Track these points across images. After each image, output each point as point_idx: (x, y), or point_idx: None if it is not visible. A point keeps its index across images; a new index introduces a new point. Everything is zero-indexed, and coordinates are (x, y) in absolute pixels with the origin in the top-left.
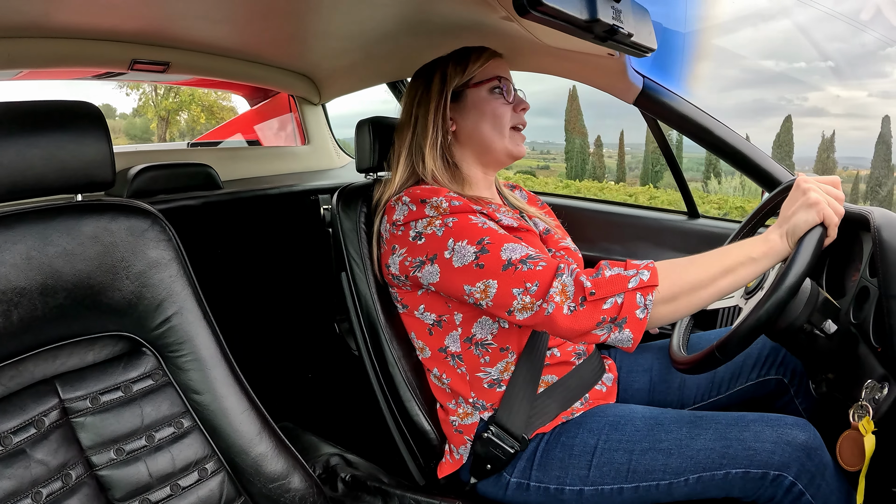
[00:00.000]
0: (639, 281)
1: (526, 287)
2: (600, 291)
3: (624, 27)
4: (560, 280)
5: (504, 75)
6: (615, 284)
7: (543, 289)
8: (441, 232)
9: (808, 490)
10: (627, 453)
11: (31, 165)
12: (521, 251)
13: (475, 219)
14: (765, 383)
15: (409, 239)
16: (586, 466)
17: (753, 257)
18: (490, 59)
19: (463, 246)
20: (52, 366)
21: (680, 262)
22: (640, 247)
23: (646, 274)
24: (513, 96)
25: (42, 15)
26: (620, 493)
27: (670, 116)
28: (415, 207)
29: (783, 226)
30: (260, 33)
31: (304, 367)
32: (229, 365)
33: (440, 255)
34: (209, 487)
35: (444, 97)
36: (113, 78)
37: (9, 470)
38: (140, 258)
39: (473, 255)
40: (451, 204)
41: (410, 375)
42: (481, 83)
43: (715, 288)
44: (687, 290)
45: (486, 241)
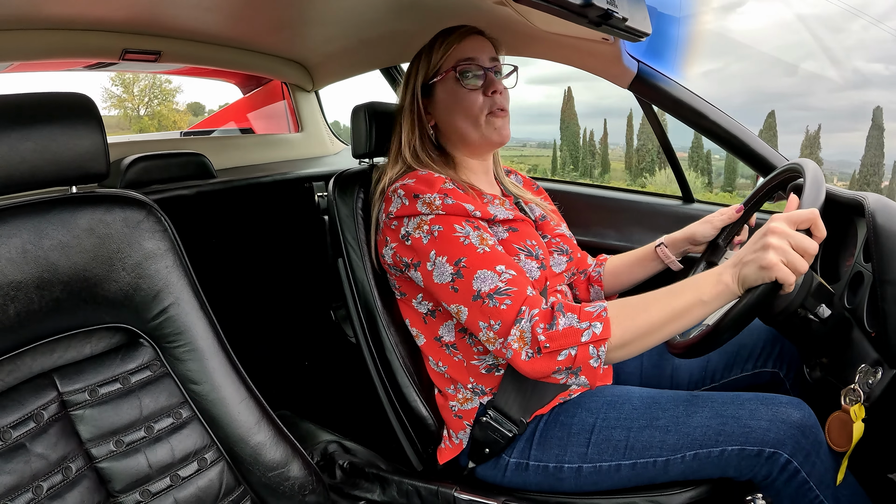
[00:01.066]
0: (591, 335)
1: (490, 324)
2: (554, 344)
3: (618, 11)
4: (519, 326)
5: (471, 56)
6: (568, 338)
7: (504, 330)
8: (426, 240)
9: (803, 468)
10: (625, 430)
11: (24, 159)
12: (491, 282)
13: (460, 229)
14: (759, 375)
15: (398, 236)
16: (585, 444)
17: (704, 300)
18: (455, 43)
19: (442, 263)
20: (49, 359)
21: (633, 306)
22: (634, 231)
23: (598, 327)
24: (483, 80)
25: (31, 6)
26: (618, 470)
27: (665, 101)
28: (408, 202)
29: (737, 268)
30: (252, 20)
31: (301, 354)
32: (227, 354)
33: (423, 265)
34: (209, 477)
35: (415, 96)
36: (105, 68)
37: (9, 465)
38: (136, 249)
39: (450, 276)
40: (444, 202)
41: (408, 361)
42: (444, 74)
43: (666, 331)
44: (639, 336)
45: (463, 263)
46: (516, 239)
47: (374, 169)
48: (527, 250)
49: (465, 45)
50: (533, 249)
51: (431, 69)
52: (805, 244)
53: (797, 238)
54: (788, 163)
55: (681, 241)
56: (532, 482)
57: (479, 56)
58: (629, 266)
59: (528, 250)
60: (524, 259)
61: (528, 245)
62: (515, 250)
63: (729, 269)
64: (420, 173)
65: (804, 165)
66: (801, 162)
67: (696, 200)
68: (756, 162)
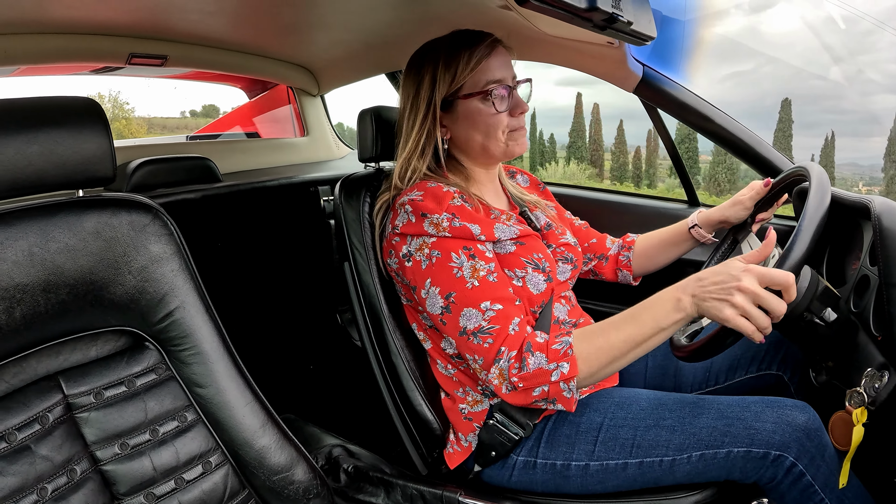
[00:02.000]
0: (559, 374)
1: (475, 358)
2: (526, 384)
3: (623, 15)
4: (498, 365)
5: (500, 76)
6: (538, 378)
7: (486, 366)
8: (424, 265)
9: (808, 471)
10: (632, 429)
11: (31, 162)
12: (475, 321)
13: (456, 259)
14: (763, 377)
15: (401, 254)
16: (592, 442)
17: (663, 327)
18: (484, 58)
19: (435, 294)
20: (55, 362)
21: (596, 339)
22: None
23: (565, 367)
24: (509, 100)
25: (38, 10)
26: (625, 469)
27: (670, 105)
28: (414, 220)
29: (696, 298)
30: (258, 25)
31: (306, 358)
32: (232, 358)
33: (419, 290)
34: (213, 481)
35: (432, 108)
36: (111, 73)
37: (13, 466)
38: (142, 253)
39: (440, 308)
40: (451, 224)
41: (413, 365)
42: (472, 94)
43: (627, 359)
44: (603, 366)
45: (452, 298)
46: (523, 252)
47: (380, 173)
48: (534, 263)
49: (493, 62)
50: (540, 262)
51: (456, 83)
52: (773, 305)
53: (765, 299)
54: (794, 166)
55: (715, 220)
56: (539, 481)
57: (506, 76)
58: (663, 247)
59: (535, 263)
60: (531, 272)
61: (534, 258)
62: (523, 264)
63: (688, 296)
64: (429, 185)
65: (810, 169)
66: (807, 165)
67: (702, 204)
68: (762, 165)
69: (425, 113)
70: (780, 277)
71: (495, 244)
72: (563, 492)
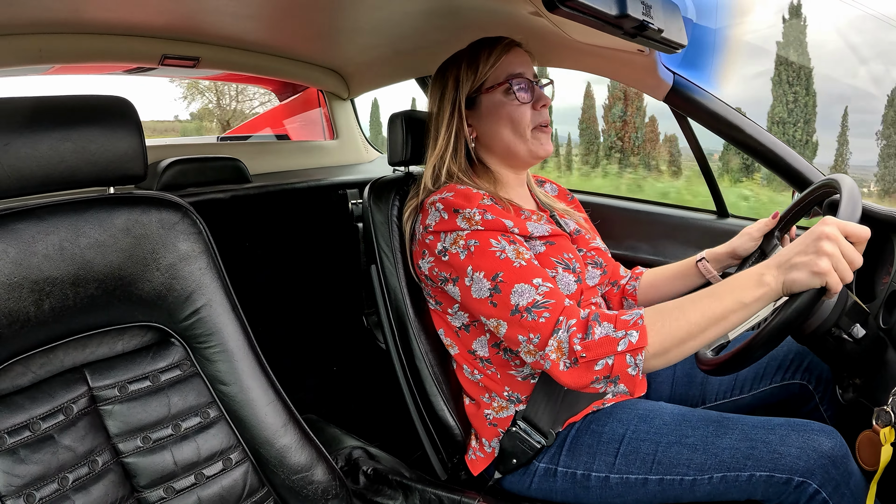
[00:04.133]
0: (627, 343)
1: (529, 337)
2: (590, 354)
3: (654, 23)
4: (556, 337)
5: (520, 70)
6: (604, 347)
7: (543, 343)
8: (463, 255)
9: (831, 499)
10: (654, 444)
11: (64, 159)
12: (528, 296)
13: (496, 244)
14: (788, 387)
15: (436, 251)
16: (613, 454)
17: (745, 303)
18: (502, 55)
19: (480, 278)
20: (81, 354)
21: (670, 312)
22: (667, 246)
23: (634, 335)
24: (531, 93)
25: (72, 11)
26: (645, 484)
27: (700, 114)
28: (447, 216)
29: (781, 268)
30: (289, 29)
31: (330, 360)
32: (256, 357)
33: (461, 280)
34: (233, 477)
35: (457, 107)
36: (143, 73)
37: (36, 455)
38: (170, 250)
39: (488, 291)
40: (483, 217)
41: (437, 370)
42: (494, 87)
43: (704, 337)
44: (677, 343)
45: (500, 278)
46: (554, 252)
47: (409, 177)
48: (564, 263)
49: (512, 58)
50: (570, 263)
51: (478, 80)
52: (853, 256)
53: (848, 248)
54: (824, 178)
55: (723, 255)
56: (559, 490)
57: (526, 70)
58: (669, 280)
59: (566, 263)
60: (562, 272)
61: (565, 258)
62: (553, 264)
63: (772, 270)
64: (458, 188)
65: (840, 181)
66: (838, 177)
67: (731, 215)
68: (792, 176)
69: (451, 112)
70: (857, 228)
71: (528, 240)
72: (583, 502)
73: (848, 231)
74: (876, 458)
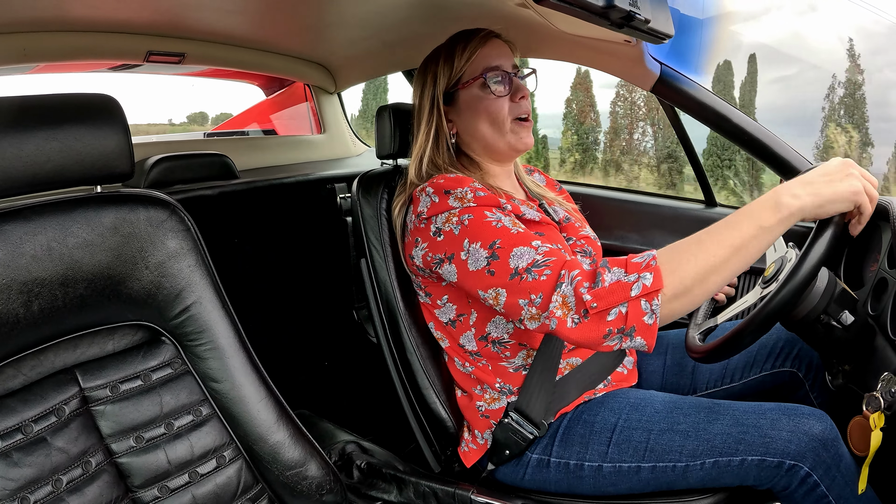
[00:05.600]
0: (641, 287)
1: (531, 298)
2: (601, 303)
3: (641, 13)
4: (559, 292)
5: (496, 63)
6: (616, 294)
7: (545, 301)
8: (458, 230)
9: (822, 482)
10: (646, 432)
11: (50, 158)
12: (528, 257)
13: (491, 215)
14: (779, 374)
15: (430, 234)
16: (606, 443)
17: (765, 227)
18: (478, 48)
19: (476, 249)
20: (72, 355)
21: (685, 248)
22: (656, 235)
23: (648, 278)
24: (509, 86)
25: (56, 9)
26: (638, 472)
27: (688, 104)
28: (437, 199)
29: (807, 188)
30: (274, 23)
31: (321, 354)
32: (248, 353)
33: (457, 256)
34: (227, 475)
35: (435, 103)
36: (129, 70)
37: (29, 458)
38: (159, 248)
39: (485, 259)
40: (475, 195)
41: (428, 363)
42: (470, 82)
43: (727, 270)
44: (697, 281)
45: (497, 244)
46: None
47: (397, 170)
48: None
49: (488, 51)
50: None
51: (454, 76)
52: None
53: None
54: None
55: None
56: (552, 480)
57: (503, 62)
58: None
59: None
60: None
61: None
62: None
63: (792, 190)
64: (448, 175)
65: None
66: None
67: (719, 204)
68: (778, 164)
69: (430, 108)
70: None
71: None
72: (576, 492)
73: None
74: (866, 444)
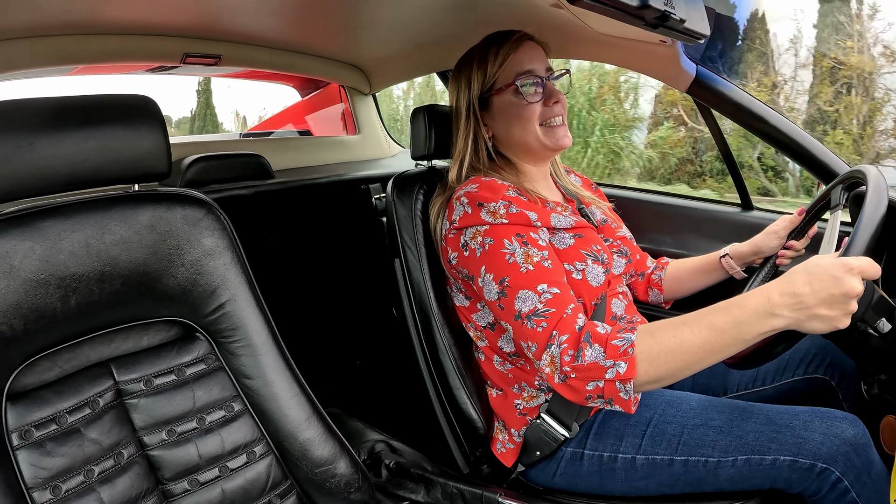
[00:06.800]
0: (615, 373)
1: (528, 345)
2: (579, 375)
3: (676, 13)
4: (549, 351)
5: (529, 67)
6: (593, 372)
7: (538, 353)
8: (479, 253)
9: (853, 488)
10: (680, 427)
11: (88, 157)
12: (531, 303)
13: (508, 246)
14: (811, 381)
15: (459, 245)
16: (640, 435)
17: (746, 339)
18: (510, 52)
19: (490, 281)
20: (107, 349)
21: (664, 341)
22: (690, 239)
23: (623, 366)
24: (541, 90)
25: (91, 12)
26: (670, 465)
27: (724, 105)
28: (470, 210)
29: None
30: (310, 25)
31: (353, 353)
32: (280, 351)
33: (476, 279)
34: (257, 470)
35: (471, 109)
36: (166, 72)
37: (62, 448)
38: (195, 246)
39: (496, 294)
40: (508, 211)
41: (460, 364)
42: (504, 88)
43: (699, 366)
44: (670, 374)
45: (507, 283)
46: (583, 245)
47: (432, 171)
48: (593, 255)
49: (521, 55)
50: (598, 254)
51: (488, 81)
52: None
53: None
54: (850, 169)
55: (747, 253)
56: (584, 474)
57: (536, 66)
58: (692, 273)
59: (595, 255)
60: (591, 264)
61: (594, 250)
62: (583, 256)
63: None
64: (483, 180)
65: (866, 172)
66: (864, 168)
67: (756, 208)
68: (817, 168)
69: (467, 114)
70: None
71: (553, 234)
72: (607, 489)
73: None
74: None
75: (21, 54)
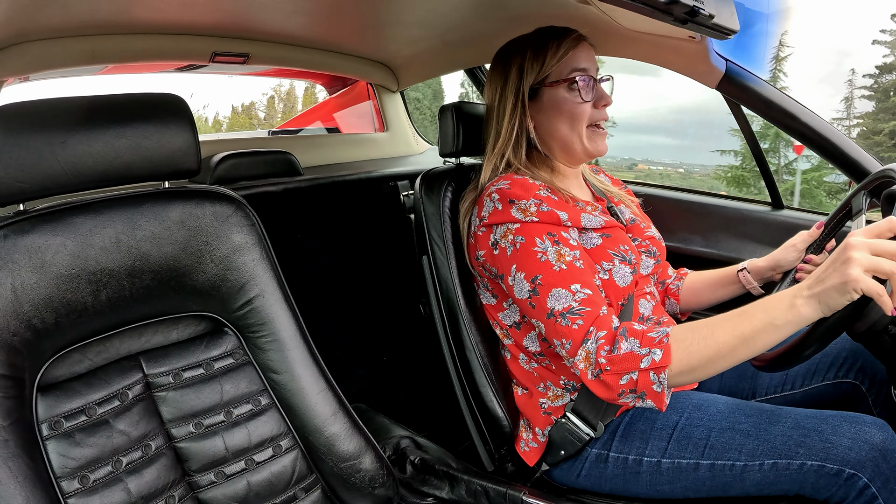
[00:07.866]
0: (650, 361)
1: (562, 342)
2: (614, 367)
3: (705, 8)
4: (585, 347)
5: (584, 66)
6: (628, 362)
7: (573, 350)
8: (510, 252)
9: (880, 494)
10: (707, 430)
11: (119, 155)
12: (565, 301)
13: (540, 244)
14: (840, 385)
15: (488, 243)
16: (666, 439)
17: (776, 324)
18: (570, 49)
19: (521, 279)
20: (137, 342)
21: (699, 330)
22: (720, 238)
23: (658, 354)
24: (593, 91)
25: (120, 13)
26: (696, 469)
27: (754, 102)
28: (501, 207)
29: (814, 289)
30: (337, 23)
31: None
32: (308, 346)
33: (506, 278)
34: (282, 464)
35: (520, 97)
36: (195, 70)
37: (91, 438)
38: (224, 242)
39: (528, 293)
40: (539, 209)
41: (487, 361)
42: (558, 82)
43: (732, 357)
44: (703, 364)
45: (539, 280)
46: (610, 244)
47: (460, 168)
48: (621, 255)
49: (579, 53)
50: (626, 255)
51: (543, 72)
52: (892, 247)
53: (880, 244)
54: (882, 168)
55: (765, 268)
56: (609, 476)
57: (590, 67)
58: (710, 286)
59: (622, 255)
60: (618, 265)
61: (621, 250)
62: (610, 256)
63: (803, 291)
64: (516, 177)
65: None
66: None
67: (787, 207)
68: (848, 166)
69: (514, 103)
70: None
71: (581, 234)
72: (632, 492)
73: (874, 231)
74: None
75: (53, 54)
